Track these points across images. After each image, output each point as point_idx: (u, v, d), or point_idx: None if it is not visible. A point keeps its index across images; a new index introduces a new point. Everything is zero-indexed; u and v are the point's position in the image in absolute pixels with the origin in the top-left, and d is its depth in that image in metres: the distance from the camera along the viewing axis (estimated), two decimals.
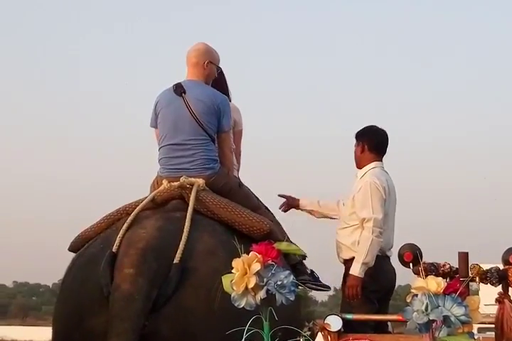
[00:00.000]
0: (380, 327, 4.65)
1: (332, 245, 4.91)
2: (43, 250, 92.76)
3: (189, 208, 3.84)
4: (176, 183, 4.05)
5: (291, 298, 2.98)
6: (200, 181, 4.07)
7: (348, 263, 4.78)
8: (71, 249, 4.15)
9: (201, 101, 4.17)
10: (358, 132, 5.08)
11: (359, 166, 5.03)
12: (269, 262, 3.02)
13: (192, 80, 4.25)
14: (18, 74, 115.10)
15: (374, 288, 4.71)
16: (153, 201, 3.99)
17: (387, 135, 5.05)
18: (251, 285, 2.97)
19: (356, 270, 4.65)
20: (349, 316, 4.25)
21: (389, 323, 4.92)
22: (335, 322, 4.13)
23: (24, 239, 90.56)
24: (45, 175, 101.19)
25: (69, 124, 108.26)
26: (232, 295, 3.03)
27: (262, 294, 2.98)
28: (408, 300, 2.88)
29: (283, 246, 3.07)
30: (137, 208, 3.86)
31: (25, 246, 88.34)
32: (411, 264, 4.10)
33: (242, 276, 2.99)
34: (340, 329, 4.15)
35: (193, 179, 4.07)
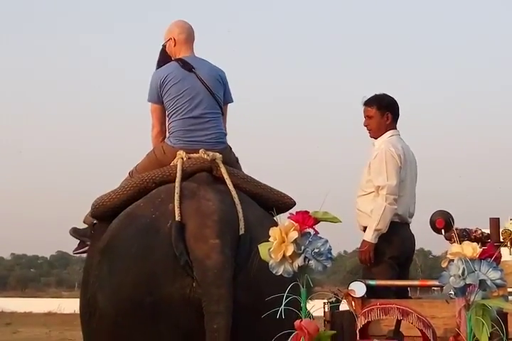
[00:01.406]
0: (401, 293, 4.73)
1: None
2: (40, 222, 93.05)
3: (228, 182, 3.98)
4: (202, 156, 4.13)
5: (328, 265, 3.07)
6: (219, 155, 4.14)
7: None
8: (95, 215, 4.17)
9: (212, 76, 4.34)
10: (373, 101, 5.09)
11: (376, 135, 5.06)
12: (306, 230, 3.10)
13: (191, 57, 4.39)
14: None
15: (395, 254, 4.78)
16: (183, 172, 4.03)
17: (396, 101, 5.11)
18: (289, 253, 3.05)
19: (369, 236, 4.73)
20: (372, 282, 4.30)
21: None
22: (359, 289, 4.18)
23: (20, 211, 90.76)
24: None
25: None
26: (270, 263, 3.12)
27: (299, 261, 3.07)
28: (444, 266, 2.95)
29: (319, 214, 3.13)
30: (177, 179, 3.91)
31: (22, 217, 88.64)
32: (443, 230, 4.16)
33: (280, 244, 3.07)
34: (363, 296, 4.21)
35: (210, 152, 4.16)
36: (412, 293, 5.52)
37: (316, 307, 3.31)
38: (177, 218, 3.65)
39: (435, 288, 5.21)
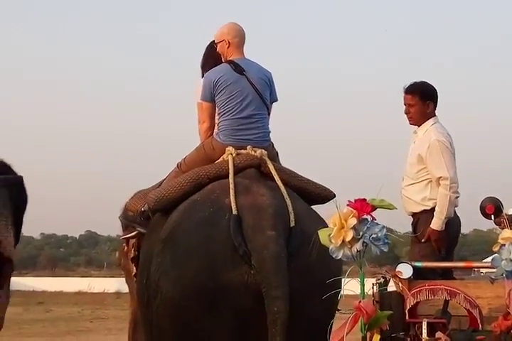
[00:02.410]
0: (446, 275, 4.93)
1: None
2: (70, 202, 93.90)
3: (276, 178, 4.30)
4: (250, 152, 4.45)
5: (384, 250, 3.27)
6: (265, 152, 4.49)
7: (416, 215, 5.08)
8: (156, 208, 4.41)
9: (261, 79, 4.67)
10: (416, 89, 5.24)
11: (418, 123, 5.25)
12: (364, 217, 3.30)
13: (242, 59, 4.72)
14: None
15: (443, 236, 4.99)
16: (234, 167, 4.35)
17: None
18: (348, 238, 3.26)
19: (438, 225, 4.98)
20: (418, 264, 4.48)
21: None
22: (406, 270, 4.36)
23: (50, 191, 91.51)
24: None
25: None
26: (330, 248, 3.33)
27: (358, 246, 3.28)
28: (495, 250, 3.12)
29: (376, 201, 3.33)
30: (230, 175, 4.23)
31: (51, 198, 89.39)
32: (492, 216, 4.32)
33: (340, 230, 3.27)
34: (410, 277, 4.39)
35: (258, 149, 4.49)
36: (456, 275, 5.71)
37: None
38: (234, 212, 3.94)
39: (475, 269, 5.39)
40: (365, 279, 3.38)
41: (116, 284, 28.45)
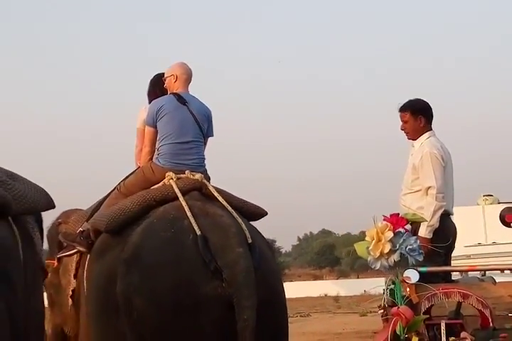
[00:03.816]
0: (446, 278, 5.27)
1: None
2: None
3: (221, 199, 4.65)
4: (188, 176, 4.81)
5: (419, 259, 3.59)
6: (202, 176, 4.86)
7: (414, 223, 5.40)
8: (108, 230, 4.65)
9: (201, 113, 5.13)
10: (406, 107, 5.63)
11: (414, 137, 5.62)
12: (399, 230, 3.61)
13: (186, 93, 5.17)
14: None
15: (442, 242, 5.31)
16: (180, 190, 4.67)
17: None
18: (386, 250, 3.57)
19: (423, 232, 5.25)
20: (423, 269, 4.79)
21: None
22: (413, 275, 4.64)
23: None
24: None
25: None
26: (368, 259, 3.64)
27: (395, 257, 3.59)
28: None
29: (409, 215, 3.66)
30: (181, 198, 4.53)
31: None
32: (511, 224, 4.67)
33: (377, 243, 3.58)
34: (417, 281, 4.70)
35: (196, 173, 4.85)
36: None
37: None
38: (198, 232, 4.25)
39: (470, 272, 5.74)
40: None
41: None
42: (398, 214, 3.65)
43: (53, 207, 3.47)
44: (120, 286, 4.29)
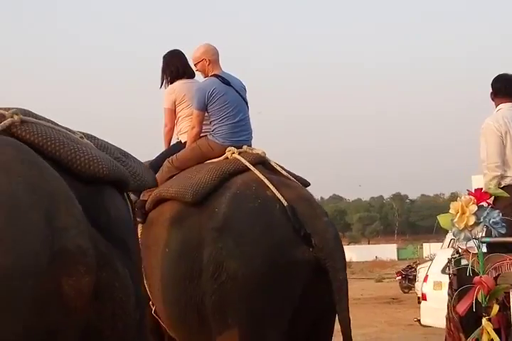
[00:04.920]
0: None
1: None
2: None
3: (284, 172, 4.98)
4: (247, 151, 5.12)
5: (502, 232, 3.74)
6: (262, 150, 5.20)
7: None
8: (195, 200, 4.82)
9: (241, 87, 5.51)
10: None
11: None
12: (481, 204, 3.77)
13: (223, 73, 5.49)
14: None
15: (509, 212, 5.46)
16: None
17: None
18: (471, 222, 3.74)
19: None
20: (487, 239, 4.96)
21: None
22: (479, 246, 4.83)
23: None
24: None
25: None
26: (452, 231, 3.81)
27: (479, 229, 3.75)
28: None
29: (491, 190, 3.82)
30: (256, 171, 4.81)
31: None
32: None
33: (462, 215, 3.74)
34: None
35: (254, 148, 5.21)
36: None
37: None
38: (285, 203, 4.52)
39: None
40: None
41: None
42: (481, 188, 3.79)
43: (157, 185, 3.63)
44: (210, 251, 4.51)
